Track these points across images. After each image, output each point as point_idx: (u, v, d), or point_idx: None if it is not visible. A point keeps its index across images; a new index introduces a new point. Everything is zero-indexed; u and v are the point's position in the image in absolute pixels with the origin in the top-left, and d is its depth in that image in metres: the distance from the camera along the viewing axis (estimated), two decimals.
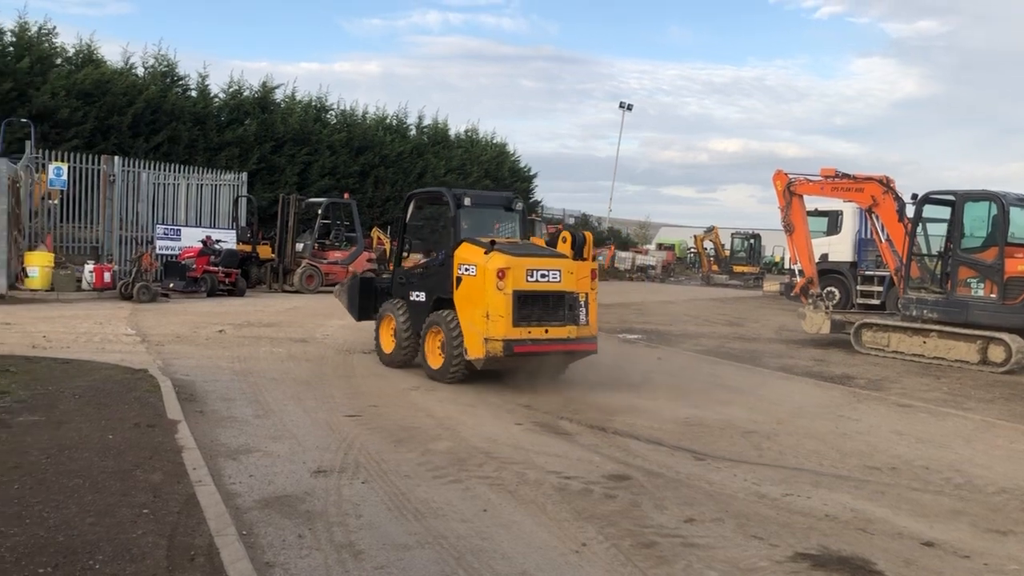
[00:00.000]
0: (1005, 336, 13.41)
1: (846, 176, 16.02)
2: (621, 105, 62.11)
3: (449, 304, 10.11)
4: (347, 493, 5.80)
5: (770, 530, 5.50)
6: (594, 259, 10.62)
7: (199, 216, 24.78)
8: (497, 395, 9.61)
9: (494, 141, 46.20)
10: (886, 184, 15.50)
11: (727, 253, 44.66)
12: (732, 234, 45.73)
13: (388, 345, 11.17)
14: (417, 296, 10.79)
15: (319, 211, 24.58)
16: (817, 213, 22.13)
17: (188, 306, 18.07)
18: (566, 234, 10.52)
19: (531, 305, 9.67)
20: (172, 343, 12.35)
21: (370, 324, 11.92)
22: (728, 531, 5.46)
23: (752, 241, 44.41)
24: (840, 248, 23.18)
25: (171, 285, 20.21)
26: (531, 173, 48.25)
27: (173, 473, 5.76)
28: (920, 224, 14.99)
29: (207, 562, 4.30)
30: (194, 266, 20.65)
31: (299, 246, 23.84)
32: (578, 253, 10.26)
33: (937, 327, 14.27)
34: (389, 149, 37.70)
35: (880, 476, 7.04)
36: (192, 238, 22.35)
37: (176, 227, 23.23)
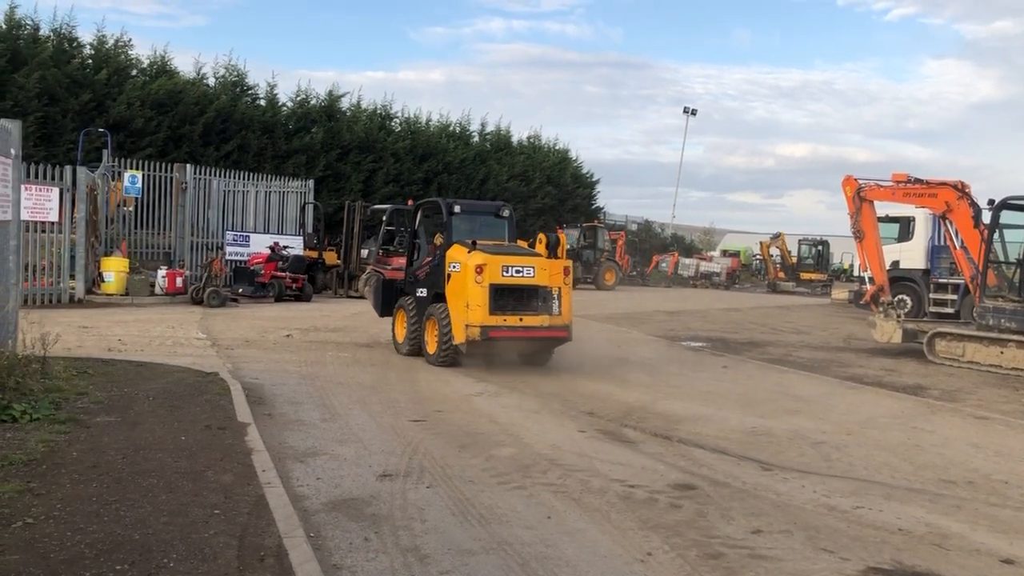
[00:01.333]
0: None
1: (919, 181, 15.61)
2: (685, 110, 61.58)
3: (443, 298, 11.65)
4: (412, 497, 5.84)
5: (840, 543, 5.37)
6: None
7: (267, 223, 25.31)
8: (560, 402, 9.59)
9: (556, 147, 46.19)
10: (961, 189, 15.06)
11: (794, 260, 43.88)
12: (799, 240, 44.92)
13: (400, 336, 12.76)
14: (422, 292, 12.31)
15: (383, 218, 24.88)
16: (888, 219, 21.62)
17: (256, 311, 18.44)
18: (542, 236, 12.41)
19: (507, 297, 11.21)
20: (241, 347, 12.61)
21: None
22: (797, 543, 5.35)
23: (820, 248, 43.56)
24: (912, 255, 22.59)
25: (240, 290, 20.69)
26: (593, 179, 48.12)
27: (243, 475, 5.87)
28: (997, 230, 14.52)
29: (276, 563, 4.37)
30: (262, 271, 21.09)
31: (364, 252, 24.17)
32: (552, 253, 12.08)
33: (1015, 337, 13.79)
34: (452, 156, 38.01)
35: (956, 490, 6.82)
36: (260, 244, 22.83)
37: (245, 233, 23.74)
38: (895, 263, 21.31)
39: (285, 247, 22.45)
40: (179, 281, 20.05)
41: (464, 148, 39.33)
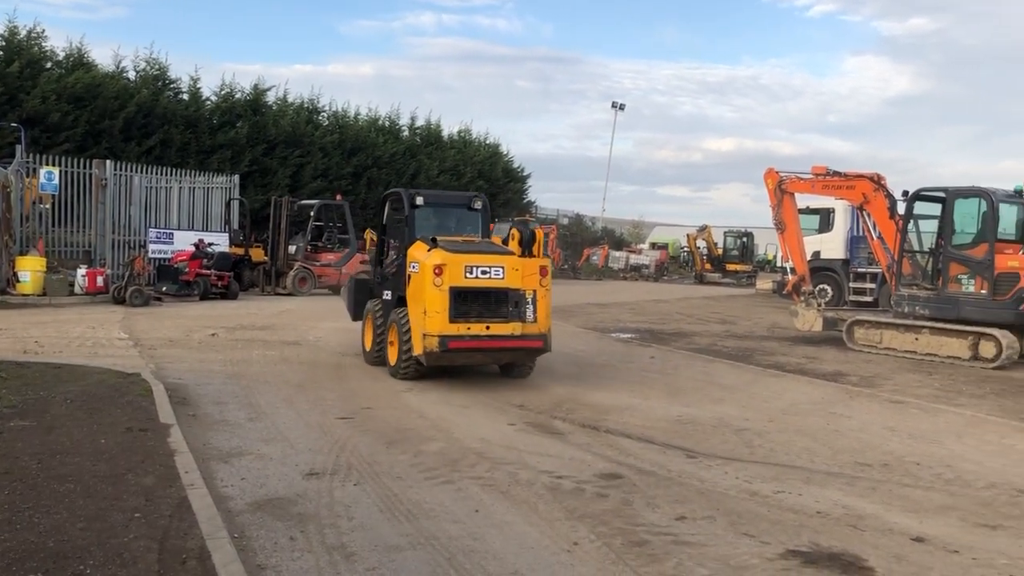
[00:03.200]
0: (995, 332, 13.46)
1: (837, 174, 16.06)
2: (614, 105, 62.29)
3: (405, 302, 10.36)
4: (339, 495, 5.80)
5: (761, 527, 5.52)
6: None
7: (191, 219, 24.74)
8: (491, 395, 9.62)
9: (487, 142, 46.18)
10: (877, 181, 15.54)
11: (720, 252, 44.72)
12: (725, 232, 45.79)
13: (368, 343, 11.47)
14: (387, 295, 11.10)
15: (311, 213, 24.55)
16: (809, 211, 22.17)
17: (181, 310, 18.05)
18: (515, 231, 10.55)
19: (471, 302, 9.82)
20: (165, 347, 12.34)
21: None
22: (719, 529, 5.48)
23: (745, 239, 44.49)
24: (832, 246, 23.24)
25: (164, 289, 20.20)
26: (524, 174, 48.25)
27: (165, 477, 5.76)
28: (911, 221, 15.03)
29: (199, 565, 4.30)
30: (187, 269, 20.63)
31: (292, 248, 23.82)
32: (526, 250, 10.37)
33: (929, 323, 14.32)
34: (382, 150, 37.69)
35: (871, 472, 7.06)
36: (185, 241, 22.31)
37: (169, 231, 23.18)
38: (816, 254, 21.89)
39: (210, 244, 21.99)
40: (100, 280, 19.49)
41: (394, 142, 39.04)
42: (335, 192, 29.90)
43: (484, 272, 9.86)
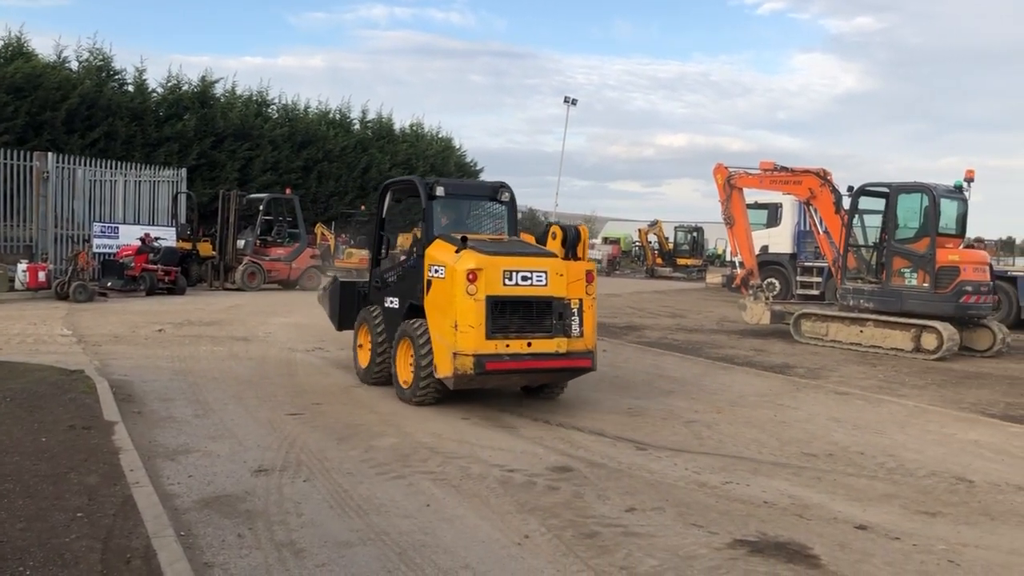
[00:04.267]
0: (937, 324, 13.80)
1: (784, 169, 16.31)
2: (566, 100, 62.21)
3: (420, 312, 8.75)
4: (288, 491, 5.75)
5: (709, 518, 5.59)
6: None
7: (137, 213, 24.27)
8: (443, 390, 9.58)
9: (440, 136, 46.07)
10: (823, 177, 15.82)
11: (671, 246, 45.14)
12: (675, 227, 46.24)
13: (364, 358, 9.88)
14: (392, 302, 9.46)
15: (260, 207, 24.25)
16: (757, 206, 22.52)
17: (127, 305, 17.70)
18: (556, 229, 9.11)
19: (510, 314, 8.25)
20: (110, 343, 12.09)
21: (315, 322, 11.78)
22: (668, 519, 5.54)
23: (695, 234, 44.96)
24: (780, 240, 23.63)
25: (109, 284, 19.79)
26: (477, 168, 48.20)
27: (109, 475, 5.65)
28: (856, 216, 15.33)
29: (144, 564, 4.23)
30: (132, 264, 20.22)
31: (240, 243, 23.50)
32: (570, 251, 8.88)
33: (873, 316, 14.63)
34: (332, 144, 37.37)
35: (817, 463, 7.19)
36: (130, 236, 21.88)
37: (114, 225, 22.72)
38: (764, 248, 22.24)
39: (157, 239, 21.59)
40: (42, 275, 19.00)
41: (345, 136, 38.72)
42: (285, 186, 29.58)
43: (525, 278, 8.32)
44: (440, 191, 9.17)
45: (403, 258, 9.87)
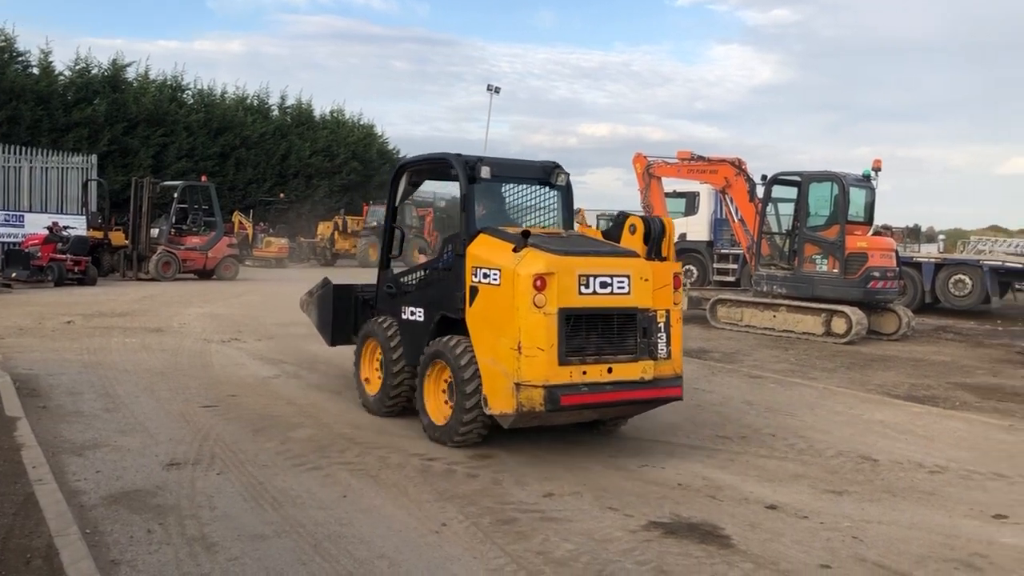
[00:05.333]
0: (846, 309, 14.28)
1: (701, 158, 16.63)
2: (489, 88, 62.22)
3: (459, 327, 6.89)
4: (201, 485, 5.63)
5: (625, 501, 5.68)
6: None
7: (45, 201, 23.42)
8: None
9: (361, 123, 45.57)
10: (738, 166, 16.18)
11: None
12: (597, 216, 46.62)
13: (373, 382, 7.95)
14: (413, 314, 7.51)
15: (175, 195, 23.63)
16: (675, 195, 22.87)
17: (33, 296, 17.05)
18: (636, 221, 7.20)
19: (587, 331, 6.41)
20: (14, 336, 11.63)
21: (232, 312, 11.47)
22: (586, 504, 5.61)
23: None
24: (697, 228, 24.04)
25: (14, 275, 19.04)
26: (400, 155, 47.83)
27: (10, 473, 5.44)
28: (769, 204, 15.72)
29: (45, 564, 4.09)
30: (39, 254, 19.50)
31: (154, 232, 22.88)
32: (654, 250, 7.03)
33: (786, 302, 15.05)
34: (250, 130, 36.67)
35: (730, 445, 7.37)
36: (37, 224, 21.13)
37: (19, 213, 21.87)
38: (682, 236, 22.59)
39: (65, 227, 20.86)
40: None
41: (263, 122, 38.03)
42: (201, 173, 28.89)
43: (604, 285, 6.47)
44: (486, 172, 7.19)
45: (426, 256, 8.54)
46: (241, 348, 11.42)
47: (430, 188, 53.72)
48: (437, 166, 7.96)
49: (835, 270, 14.59)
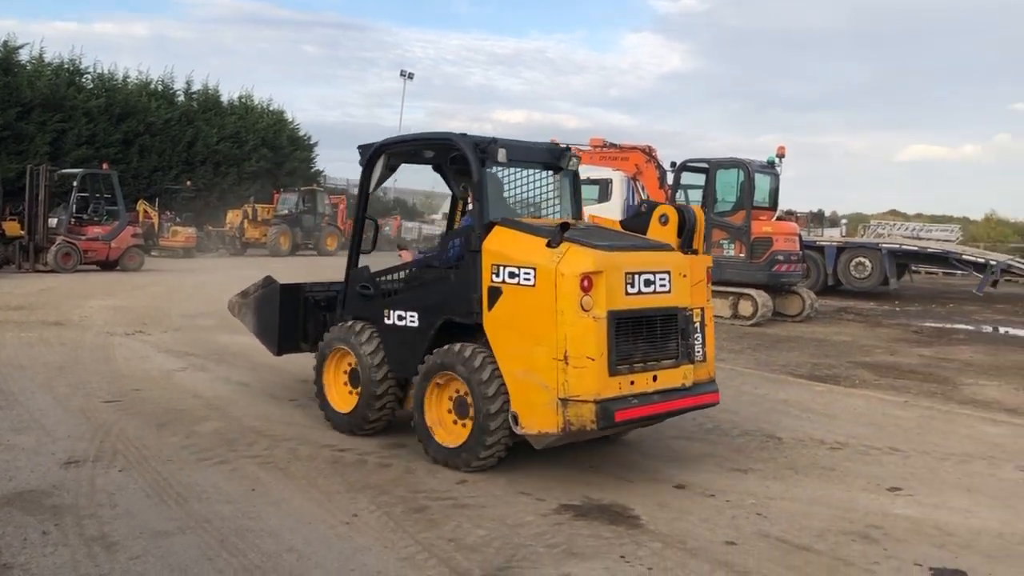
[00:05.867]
0: (752, 292, 14.67)
1: (613, 146, 16.83)
2: (402, 74, 61.63)
3: (469, 333, 6.13)
4: (101, 483, 5.44)
5: (538, 485, 5.72)
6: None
7: None
8: (274, 373, 9.29)
9: (271, 108, 44.57)
10: (648, 153, 16.44)
11: None
12: None
13: (343, 399, 6.90)
14: (401, 319, 6.56)
15: (75, 183, 22.70)
16: (589, 181, 22.99)
17: None
18: (668, 211, 6.62)
19: (633, 335, 5.78)
20: None
21: (135, 304, 11.09)
22: (499, 489, 5.62)
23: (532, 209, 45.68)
24: (611, 214, 24.28)
25: None
26: (311, 142, 47.04)
27: None
28: (679, 190, 16.01)
29: None
30: None
31: (53, 222, 21.92)
32: (686, 243, 6.54)
33: None
34: (155, 116, 35.48)
35: (640, 427, 7.48)
36: None
37: None
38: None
39: None
40: None
41: (168, 108, 36.83)
42: (102, 160, 27.80)
43: (648, 283, 5.89)
44: (502, 155, 6.30)
45: (422, 253, 7.45)
46: (146, 341, 11.07)
47: (344, 176, 52.82)
48: (432, 148, 7.09)
49: (742, 254, 14.97)
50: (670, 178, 16.08)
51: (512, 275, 5.80)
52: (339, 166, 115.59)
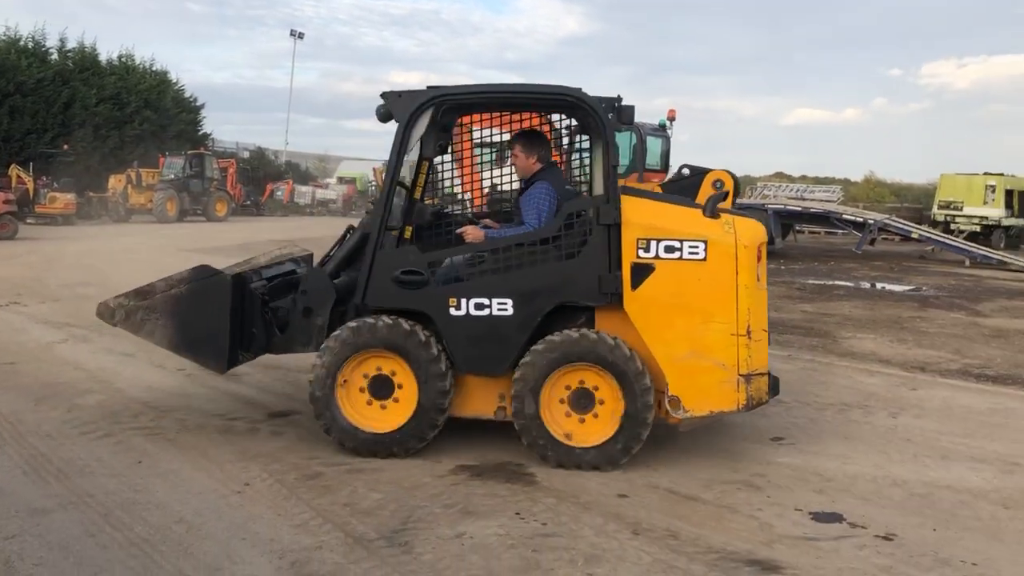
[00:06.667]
0: None
1: None
2: (292, 33, 60.01)
3: (571, 316, 5.59)
4: None
5: (435, 447, 5.69)
6: None
7: None
8: None
9: (154, 69, 42.74)
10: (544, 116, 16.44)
11: None
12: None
13: (367, 415, 5.60)
14: (483, 307, 5.53)
15: None
16: (487, 144, 23.03)
17: None
18: (724, 177, 6.55)
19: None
20: None
21: (10, 274, 10.44)
22: None
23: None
24: (508, 179, 24.38)
25: None
26: (198, 104, 45.39)
27: None
28: (575, 154, 16.11)
29: None
30: None
31: None
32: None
33: None
34: (26, 75, 33.53)
35: None
36: None
37: None
38: (493, 187, 22.84)
39: None
40: None
41: (40, 66, 34.86)
42: None
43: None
44: (628, 115, 5.61)
45: (501, 229, 6.12)
46: (21, 312, 10.54)
47: (233, 139, 51.18)
48: (541, 101, 6.09)
49: None
50: (565, 141, 16.15)
51: (671, 249, 5.35)
52: (229, 129, 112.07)
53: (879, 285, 17.23)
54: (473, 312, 5.55)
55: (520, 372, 5.43)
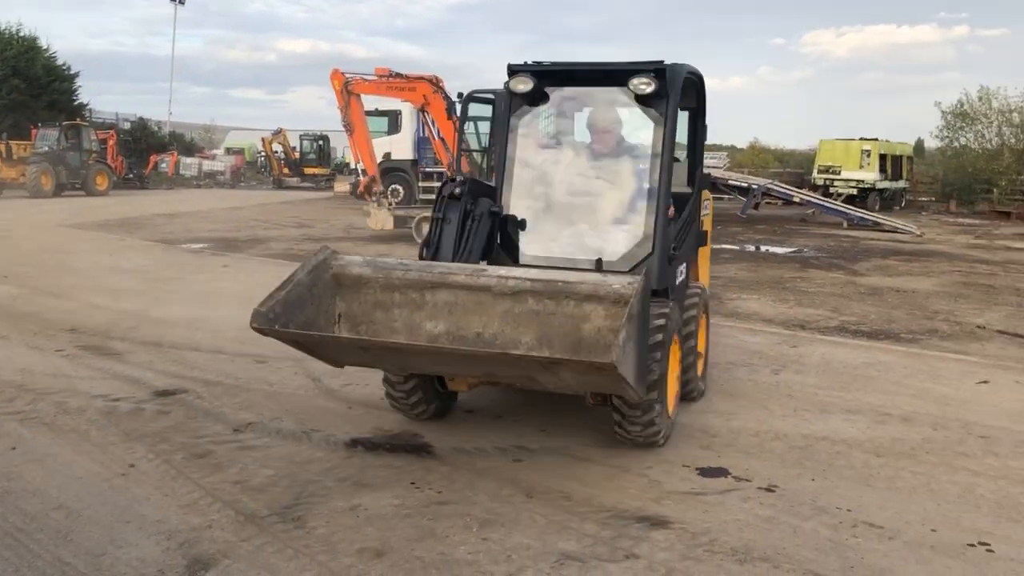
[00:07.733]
0: None
1: (399, 76, 16.55)
2: None
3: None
4: None
5: (328, 422, 5.66)
6: None
7: None
8: (36, 322, 8.59)
9: (21, 34, 40.30)
10: (436, 84, 16.31)
11: (297, 155, 44.21)
12: (301, 136, 45.28)
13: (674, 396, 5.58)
14: (678, 276, 5.95)
15: None
16: (378, 113, 22.71)
17: None
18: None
19: None
20: None
21: None
22: (286, 429, 5.52)
23: (321, 143, 44.39)
24: (401, 147, 24.15)
25: None
26: (72, 72, 43.06)
27: None
28: (467, 122, 16.03)
29: None
30: None
31: None
32: None
33: None
34: None
35: None
36: None
37: None
38: (387, 155, 22.60)
39: None
40: None
41: None
42: None
43: None
44: None
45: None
46: None
47: (112, 110, 48.77)
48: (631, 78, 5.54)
49: None
50: (458, 109, 16.06)
51: None
52: (109, 99, 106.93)
53: (763, 248, 17.86)
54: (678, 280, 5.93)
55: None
